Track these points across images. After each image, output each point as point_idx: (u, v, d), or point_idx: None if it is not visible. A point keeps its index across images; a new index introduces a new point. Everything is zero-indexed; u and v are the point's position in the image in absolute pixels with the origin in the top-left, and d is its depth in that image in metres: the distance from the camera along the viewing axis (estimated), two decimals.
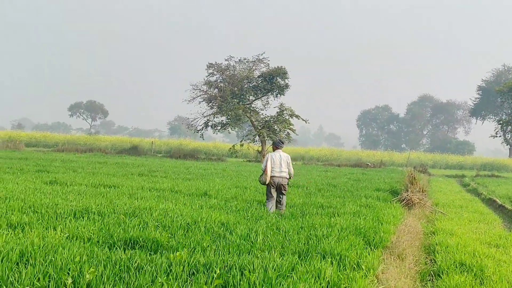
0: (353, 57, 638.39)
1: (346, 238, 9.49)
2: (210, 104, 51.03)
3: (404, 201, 16.89)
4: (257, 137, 50.53)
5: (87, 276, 5.97)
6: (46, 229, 8.90)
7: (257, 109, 52.22)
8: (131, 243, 8.34)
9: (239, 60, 51.74)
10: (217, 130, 52.00)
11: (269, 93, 51.04)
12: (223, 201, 14.16)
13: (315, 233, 9.79)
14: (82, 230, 8.79)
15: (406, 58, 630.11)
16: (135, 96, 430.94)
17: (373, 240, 9.91)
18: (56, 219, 9.89)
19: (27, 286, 5.81)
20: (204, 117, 51.51)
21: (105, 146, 63.27)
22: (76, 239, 8.33)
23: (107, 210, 11.01)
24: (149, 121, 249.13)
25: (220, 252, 7.96)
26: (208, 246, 8.30)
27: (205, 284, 6.14)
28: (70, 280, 5.86)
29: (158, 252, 7.80)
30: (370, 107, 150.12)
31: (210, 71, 51.67)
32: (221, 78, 51.68)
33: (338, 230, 10.18)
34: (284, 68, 50.13)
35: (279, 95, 50.84)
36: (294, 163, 52.08)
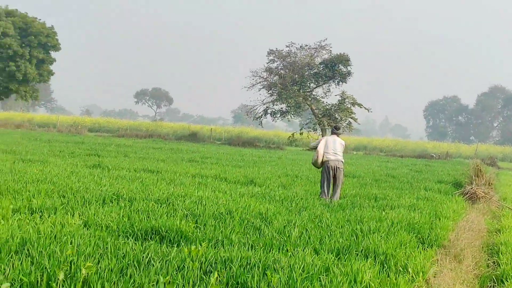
0: (421, 47, 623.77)
1: (396, 234, 8.43)
2: (270, 91, 49.99)
3: (468, 195, 15.54)
4: (317, 125, 49.23)
5: (83, 271, 5.18)
6: (66, 214, 8.23)
7: (318, 97, 50.85)
8: (153, 233, 7.54)
9: (300, 46, 50.32)
10: (276, 118, 50.92)
11: (330, 81, 49.56)
12: (269, 190, 13.26)
13: (361, 227, 8.76)
14: (102, 218, 8.05)
15: (477, 46, 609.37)
16: (201, 84, 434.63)
17: (428, 237, 8.81)
18: (83, 204, 9.22)
19: (12, 280, 5.07)
20: (264, 104, 50.58)
21: (166, 132, 63.33)
22: (93, 227, 7.60)
23: (139, 196, 10.28)
24: (214, 110, 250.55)
25: (249, 247, 7.08)
26: (237, 239, 7.42)
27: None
28: (62, 275, 5.09)
29: (179, 244, 6.99)
30: (438, 97, 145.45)
31: (271, 57, 50.51)
32: (281, 64, 50.50)
33: (388, 225, 9.12)
34: (347, 55, 48.53)
35: (341, 83, 49.27)
36: (355, 153, 50.74)
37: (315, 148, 12.97)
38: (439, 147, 69.10)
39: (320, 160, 12.73)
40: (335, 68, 48.35)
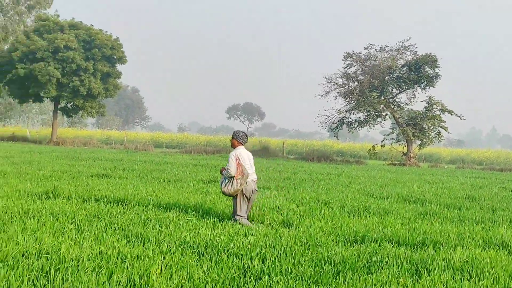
0: None
1: None
2: (348, 99, 44.80)
3: None
4: (401, 136, 43.57)
5: None
6: None
7: (401, 104, 45.08)
8: None
9: (381, 48, 44.85)
10: (353, 129, 45.64)
11: (415, 85, 43.72)
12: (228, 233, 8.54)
13: None
14: None
15: None
16: (297, 98, 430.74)
17: None
18: None
19: None
20: (340, 113, 45.44)
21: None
22: None
23: None
24: (311, 124, 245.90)
25: None
26: None
27: None
28: None
29: None
30: None
31: (348, 61, 45.37)
32: (360, 69, 45.21)
33: None
34: (434, 56, 42.50)
35: (427, 87, 43.33)
36: (446, 167, 44.49)
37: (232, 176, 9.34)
38: None
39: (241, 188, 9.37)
40: (420, 71, 42.55)
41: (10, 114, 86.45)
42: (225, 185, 9.28)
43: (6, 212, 8.74)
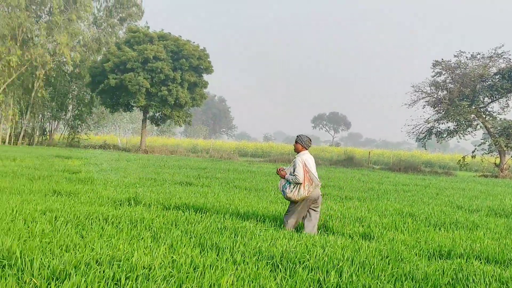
0: None
1: None
2: (436, 108, 43.48)
3: None
4: (493, 146, 41.78)
5: None
6: None
7: (493, 113, 43.24)
8: None
9: (472, 55, 43.27)
10: (442, 139, 44.19)
11: (509, 94, 41.83)
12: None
13: None
14: None
15: None
16: (383, 108, 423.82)
17: None
18: None
19: None
20: (428, 123, 44.13)
21: (322, 157, 59.02)
22: None
23: None
24: (398, 134, 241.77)
25: None
26: None
27: None
28: None
29: None
30: None
31: (437, 70, 44.04)
32: (450, 77, 43.78)
33: None
34: None
35: None
36: None
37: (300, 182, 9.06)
38: None
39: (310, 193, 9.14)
40: None
41: (103, 123, 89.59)
42: (291, 190, 9.08)
43: (87, 218, 8.92)
